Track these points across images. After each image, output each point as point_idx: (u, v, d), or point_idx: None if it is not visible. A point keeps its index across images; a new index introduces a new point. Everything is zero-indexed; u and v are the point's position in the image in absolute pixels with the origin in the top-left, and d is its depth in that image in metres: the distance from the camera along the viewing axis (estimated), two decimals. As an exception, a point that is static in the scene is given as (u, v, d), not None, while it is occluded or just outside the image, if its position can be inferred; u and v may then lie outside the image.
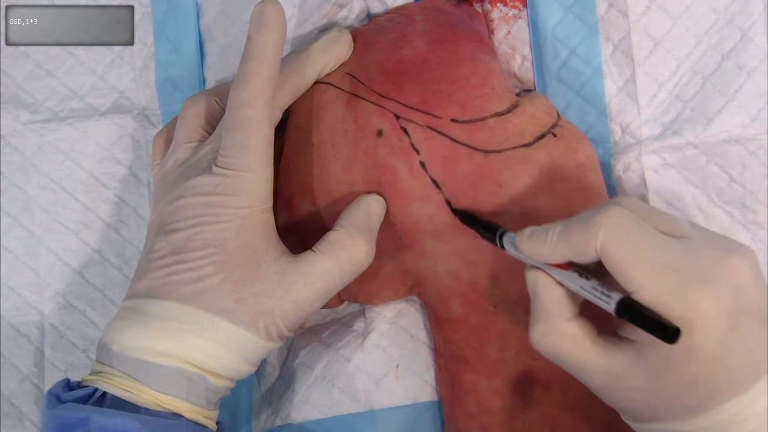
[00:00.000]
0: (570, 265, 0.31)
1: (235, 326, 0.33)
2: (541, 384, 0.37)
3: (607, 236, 0.28)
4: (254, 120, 0.34)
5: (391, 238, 0.38)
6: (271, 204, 0.35)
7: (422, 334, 0.42)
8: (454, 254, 0.38)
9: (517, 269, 0.34)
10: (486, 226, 0.35)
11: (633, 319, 0.28)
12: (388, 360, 0.41)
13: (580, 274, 0.30)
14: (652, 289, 0.28)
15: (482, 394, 0.38)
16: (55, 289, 0.46)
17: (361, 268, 0.36)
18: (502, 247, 0.33)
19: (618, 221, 0.29)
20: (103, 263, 0.46)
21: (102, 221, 0.46)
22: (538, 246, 0.31)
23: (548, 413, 0.37)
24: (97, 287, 0.46)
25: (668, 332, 0.27)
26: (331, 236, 0.35)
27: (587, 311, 0.31)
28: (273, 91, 0.34)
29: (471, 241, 0.37)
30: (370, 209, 0.37)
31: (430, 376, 0.41)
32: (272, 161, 0.35)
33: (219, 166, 0.34)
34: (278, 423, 0.41)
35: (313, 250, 0.35)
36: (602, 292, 0.29)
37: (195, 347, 0.32)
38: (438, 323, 0.40)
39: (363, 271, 0.36)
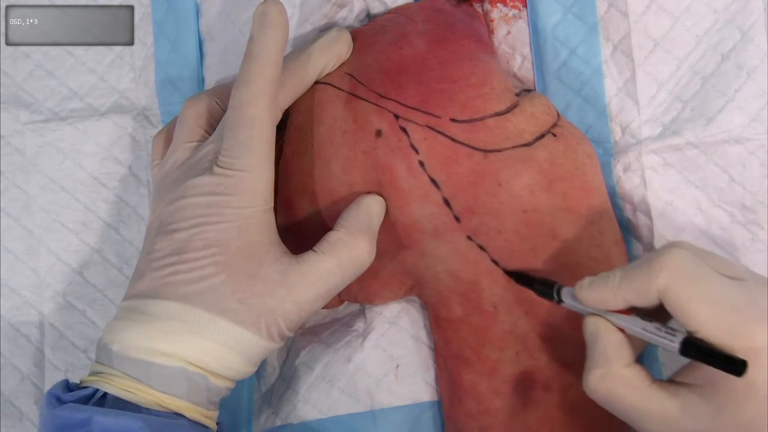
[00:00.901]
0: (630, 311, 0.31)
1: (237, 326, 0.33)
2: (541, 384, 0.37)
3: (670, 277, 0.29)
4: (257, 120, 0.34)
5: (392, 238, 0.38)
6: (272, 204, 0.35)
7: (422, 334, 0.42)
8: (454, 254, 0.38)
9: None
10: (542, 282, 0.35)
11: (698, 355, 0.29)
12: (388, 360, 0.41)
13: (642, 317, 0.31)
14: (715, 328, 0.28)
15: (482, 394, 0.38)
16: (55, 289, 0.46)
17: (363, 267, 0.36)
18: (560, 301, 0.34)
19: (680, 262, 0.29)
20: (103, 263, 0.46)
21: (102, 221, 0.46)
22: (599, 292, 0.32)
23: (548, 413, 0.37)
24: (97, 287, 0.46)
25: (737, 365, 0.27)
26: (333, 236, 0.35)
27: None
28: (275, 91, 0.34)
29: (470, 241, 0.37)
30: (371, 209, 0.37)
31: (430, 376, 0.41)
32: (273, 161, 0.35)
33: (221, 166, 0.34)
34: (278, 423, 0.41)
35: (315, 250, 0.35)
36: (666, 332, 0.30)
37: (196, 347, 0.32)
38: (438, 323, 0.40)
39: (364, 271, 0.36)
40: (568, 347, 0.37)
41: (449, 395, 0.40)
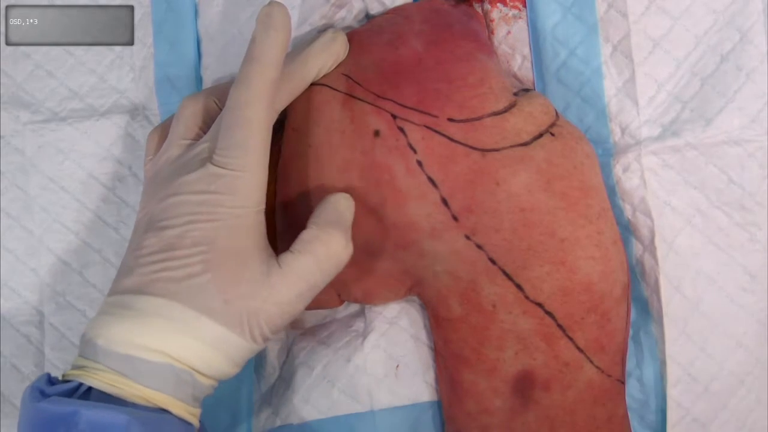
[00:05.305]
0: None
1: (220, 326, 0.33)
2: (541, 384, 0.37)
3: None
4: (254, 121, 0.34)
5: (391, 238, 0.38)
6: (263, 206, 0.35)
7: (422, 334, 0.42)
8: (452, 253, 0.38)
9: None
10: None
11: None
12: (388, 360, 0.41)
13: None
14: None
15: (482, 393, 0.38)
16: (55, 289, 0.46)
17: (341, 262, 0.35)
18: None
19: None
20: (103, 263, 0.46)
21: (102, 221, 0.46)
22: None
23: (547, 413, 0.37)
24: (97, 287, 0.46)
25: None
26: (306, 234, 0.35)
27: None
28: (275, 93, 0.34)
29: (468, 240, 0.37)
30: (339, 205, 0.36)
31: (430, 376, 0.41)
32: (267, 163, 0.35)
33: (215, 165, 0.34)
34: (278, 423, 0.41)
35: (291, 251, 0.34)
36: None
37: (182, 345, 0.32)
38: (438, 323, 0.40)
39: (344, 267, 0.35)
40: (567, 347, 0.37)
41: (449, 395, 0.40)
